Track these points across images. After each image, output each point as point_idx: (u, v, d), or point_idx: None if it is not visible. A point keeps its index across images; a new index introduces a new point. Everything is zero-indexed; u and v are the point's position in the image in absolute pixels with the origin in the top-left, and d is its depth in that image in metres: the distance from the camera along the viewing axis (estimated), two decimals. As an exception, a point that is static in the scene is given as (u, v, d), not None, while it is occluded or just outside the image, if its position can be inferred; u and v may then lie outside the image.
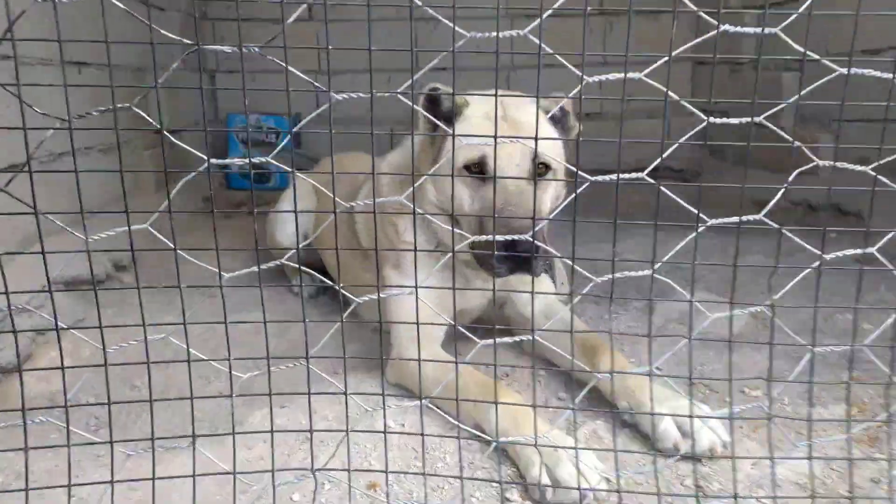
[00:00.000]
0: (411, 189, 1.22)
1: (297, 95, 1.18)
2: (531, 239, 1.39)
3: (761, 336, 2.22)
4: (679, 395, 1.69)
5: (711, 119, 1.15)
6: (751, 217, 1.16)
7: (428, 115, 1.42)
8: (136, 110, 1.04)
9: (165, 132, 1.08)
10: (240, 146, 5.01)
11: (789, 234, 1.17)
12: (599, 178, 1.16)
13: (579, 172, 1.15)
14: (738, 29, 1.12)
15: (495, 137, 1.23)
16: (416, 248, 1.41)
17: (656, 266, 1.21)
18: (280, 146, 1.21)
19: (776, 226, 1.15)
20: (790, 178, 1.20)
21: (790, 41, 1.09)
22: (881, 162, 1.18)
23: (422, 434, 1.28)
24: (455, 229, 1.96)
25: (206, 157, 1.12)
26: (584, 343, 1.92)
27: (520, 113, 1.92)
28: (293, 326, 2.65)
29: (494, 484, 1.55)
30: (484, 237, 1.44)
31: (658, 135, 5.61)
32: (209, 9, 5.47)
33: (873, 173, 1.18)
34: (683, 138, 1.24)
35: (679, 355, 2.13)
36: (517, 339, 1.31)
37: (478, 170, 1.91)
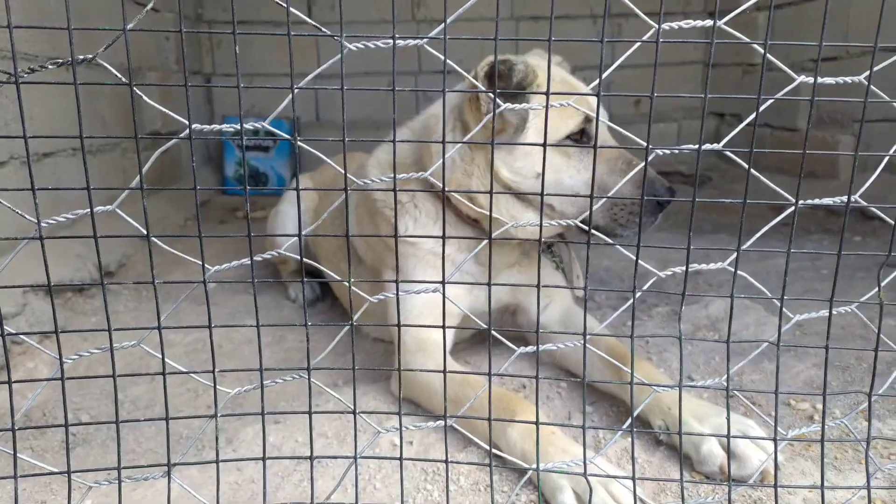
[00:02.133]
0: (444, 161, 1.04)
1: (296, 98, 1.03)
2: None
3: (800, 343, 2.04)
4: (721, 410, 1.50)
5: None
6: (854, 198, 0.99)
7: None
8: (101, 62, 0.87)
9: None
10: (236, 150, 4.84)
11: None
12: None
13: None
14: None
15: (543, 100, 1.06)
16: (403, 233, 1.23)
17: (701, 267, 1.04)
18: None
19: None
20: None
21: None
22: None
23: (446, 461, 1.10)
24: (495, 210, 1.80)
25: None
26: (609, 352, 1.74)
27: (575, 81, 1.90)
28: (289, 336, 2.47)
29: (516, 510, 1.37)
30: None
31: (669, 138, 5.46)
32: (204, 11, 5.32)
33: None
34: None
35: (712, 366, 1.95)
36: (527, 349, 1.12)
37: (578, 137, 1.77)
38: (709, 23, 0.92)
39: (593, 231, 1.14)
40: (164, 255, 2.11)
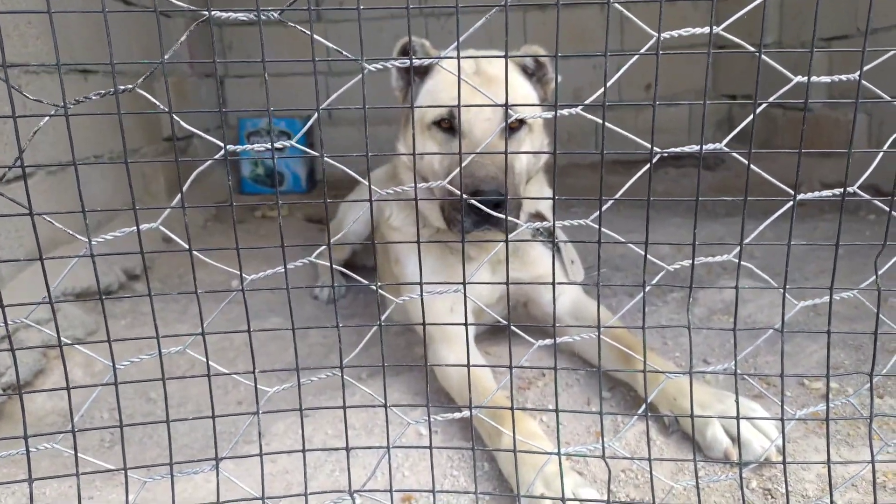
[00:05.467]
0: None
1: (306, 97, 1.07)
2: (499, 191, 1.52)
3: (814, 324, 2.08)
4: (726, 395, 1.54)
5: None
6: (850, 190, 1.03)
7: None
8: (142, 92, 0.93)
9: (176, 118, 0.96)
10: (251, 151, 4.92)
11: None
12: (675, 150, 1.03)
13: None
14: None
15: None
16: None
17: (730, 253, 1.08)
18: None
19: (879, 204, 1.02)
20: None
21: None
22: None
23: (472, 448, 1.16)
24: (425, 198, 1.89)
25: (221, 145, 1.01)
26: (619, 343, 1.78)
27: (492, 66, 1.85)
28: (311, 332, 2.54)
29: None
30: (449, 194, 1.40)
31: (680, 122, 5.46)
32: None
33: None
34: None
35: (727, 348, 1.99)
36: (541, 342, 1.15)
37: (447, 125, 1.86)
38: (706, 30, 0.96)
39: None
40: (186, 255, 2.18)
